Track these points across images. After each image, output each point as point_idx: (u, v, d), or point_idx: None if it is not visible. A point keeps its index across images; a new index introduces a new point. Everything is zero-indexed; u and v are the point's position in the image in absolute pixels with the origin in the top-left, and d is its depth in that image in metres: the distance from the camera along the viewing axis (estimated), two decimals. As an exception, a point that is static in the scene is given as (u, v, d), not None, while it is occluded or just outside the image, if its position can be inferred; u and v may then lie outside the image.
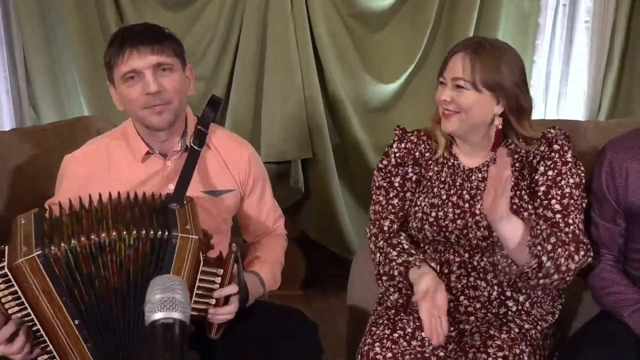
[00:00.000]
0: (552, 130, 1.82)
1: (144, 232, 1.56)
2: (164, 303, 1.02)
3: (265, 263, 1.91)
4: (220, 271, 1.62)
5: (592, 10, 3.02)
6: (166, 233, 1.56)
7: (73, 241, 1.52)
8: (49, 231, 1.55)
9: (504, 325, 1.76)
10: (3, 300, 1.51)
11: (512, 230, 1.60)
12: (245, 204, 1.96)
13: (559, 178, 1.75)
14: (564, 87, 3.15)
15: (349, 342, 2.10)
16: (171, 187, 1.77)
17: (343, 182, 3.13)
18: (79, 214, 1.60)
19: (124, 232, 1.55)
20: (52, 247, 1.51)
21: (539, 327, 1.79)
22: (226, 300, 1.68)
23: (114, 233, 1.54)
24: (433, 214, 1.80)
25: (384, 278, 1.81)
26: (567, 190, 1.74)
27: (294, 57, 2.88)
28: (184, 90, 1.77)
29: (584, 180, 1.78)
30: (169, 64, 1.71)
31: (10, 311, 1.52)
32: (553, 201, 1.74)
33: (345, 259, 3.18)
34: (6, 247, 1.54)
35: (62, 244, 1.52)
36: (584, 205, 1.77)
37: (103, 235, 1.54)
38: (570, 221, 1.72)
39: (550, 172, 1.77)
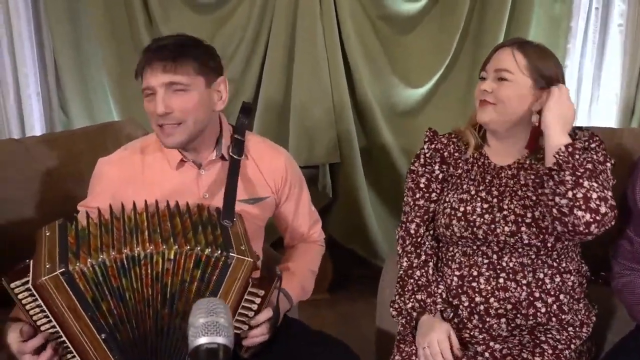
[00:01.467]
0: (580, 133, 1.80)
1: (187, 247, 1.51)
2: (208, 327, 1.01)
3: (295, 276, 1.90)
4: (262, 292, 1.60)
5: (625, 13, 2.98)
6: (220, 252, 1.53)
7: (101, 256, 1.48)
8: (74, 244, 1.51)
9: (537, 347, 1.75)
10: (31, 312, 1.50)
11: None
12: (282, 210, 1.94)
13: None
14: (595, 91, 3.11)
15: (379, 349, 2.08)
16: (206, 196, 1.76)
17: (371, 186, 3.11)
18: (108, 225, 1.57)
19: (163, 246, 1.50)
20: (78, 263, 1.47)
21: (572, 346, 1.76)
22: None
23: (150, 247, 1.50)
24: (461, 208, 1.80)
25: (397, 305, 1.84)
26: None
27: (322, 60, 2.87)
28: (203, 108, 1.70)
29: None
30: (182, 84, 1.65)
31: (38, 323, 1.50)
32: None
33: (372, 262, 3.19)
34: (31, 262, 1.51)
35: (89, 259, 1.48)
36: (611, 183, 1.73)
37: (138, 249, 1.50)
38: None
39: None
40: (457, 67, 3.03)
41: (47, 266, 1.46)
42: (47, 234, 1.55)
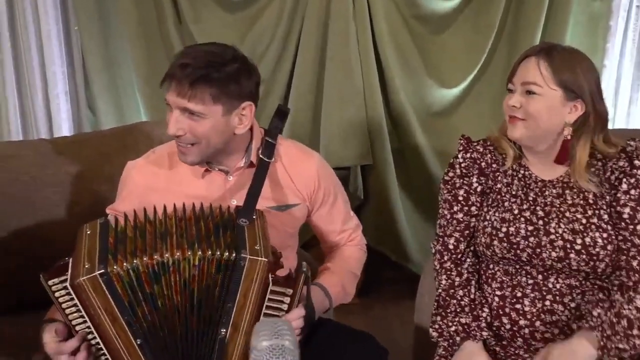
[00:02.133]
0: (632, 143, 1.70)
1: (209, 252, 1.48)
2: (273, 351, 0.98)
3: (334, 275, 1.85)
4: (290, 291, 1.55)
5: (668, 12, 2.89)
6: (234, 254, 1.49)
7: (135, 261, 1.46)
8: (114, 246, 1.49)
9: None
10: (67, 311, 1.48)
11: None
12: (315, 216, 1.89)
13: None
14: (635, 92, 3.02)
15: (416, 356, 2.03)
16: (234, 202, 1.72)
17: (402, 188, 3.06)
18: (143, 228, 1.54)
19: (189, 252, 1.48)
20: (115, 266, 1.45)
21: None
22: None
23: (178, 253, 1.48)
24: (503, 229, 1.70)
25: (437, 326, 1.76)
26: None
27: (355, 60, 2.83)
28: (218, 134, 1.63)
29: None
30: (196, 112, 1.59)
31: (74, 322, 1.48)
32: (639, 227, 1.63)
33: (404, 265, 3.15)
34: (70, 260, 1.49)
35: (125, 263, 1.46)
36: None
37: (167, 255, 1.47)
38: None
39: (633, 191, 1.65)
40: (492, 67, 2.97)
41: (87, 266, 1.44)
42: (88, 232, 1.53)
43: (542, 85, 1.63)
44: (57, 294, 1.46)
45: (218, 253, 1.48)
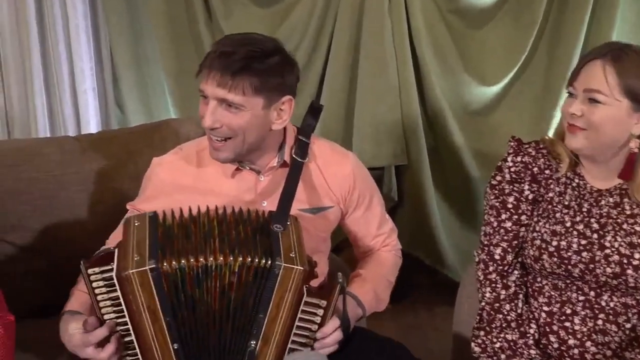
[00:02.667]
0: None
1: (248, 258, 1.43)
2: None
3: (367, 282, 1.76)
4: (324, 303, 1.49)
5: None
6: (269, 262, 1.43)
7: (183, 261, 1.41)
8: (162, 241, 1.44)
9: None
10: (101, 304, 1.42)
11: None
12: (349, 220, 1.80)
13: None
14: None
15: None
16: (265, 205, 1.65)
17: (438, 190, 2.97)
18: (187, 227, 1.49)
19: (230, 258, 1.43)
20: (165, 263, 1.40)
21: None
22: None
23: (220, 258, 1.42)
24: (554, 242, 1.58)
25: (480, 341, 1.65)
26: None
27: (390, 56, 2.76)
28: (256, 128, 1.57)
29: None
30: (235, 104, 1.52)
31: (105, 317, 1.44)
32: None
33: (437, 270, 3.07)
34: (116, 250, 1.44)
35: (174, 262, 1.40)
36: None
37: (210, 259, 1.42)
38: None
39: None
40: (533, 65, 2.85)
41: (136, 258, 1.40)
42: (137, 223, 1.49)
43: (608, 94, 1.49)
44: (94, 284, 1.41)
45: (256, 260, 1.42)
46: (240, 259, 1.42)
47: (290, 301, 1.45)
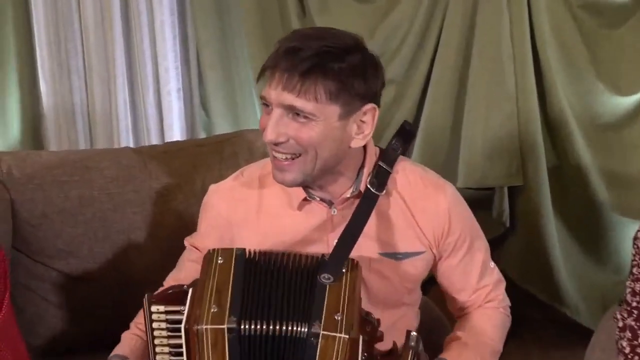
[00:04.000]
0: None
1: (284, 327, 1.21)
2: None
3: (468, 349, 1.42)
4: None
5: None
6: (304, 328, 1.21)
7: (258, 322, 1.22)
8: (246, 291, 1.25)
9: None
10: (157, 348, 1.27)
11: None
12: (443, 267, 1.48)
13: None
14: None
15: None
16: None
17: (558, 216, 2.67)
18: (263, 274, 1.29)
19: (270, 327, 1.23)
20: (246, 323, 1.21)
21: None
22: None
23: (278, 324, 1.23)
24: None
25: None
26: None
27: (507, 59, 2.51)
28: (331, 143, 1.30)
29: None
30: (305, 112, 1.25)
31: (158, 358, 1.28)
32: None
33: (552, 306, 2.75)
34: (190, 290, 1.26)
35: (254, 323, 1.22)
36: None
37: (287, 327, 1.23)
38: None
39: None
40: (681, 71, 2.52)
41: (214, 310, 1.22)
42: (220, 261, 1.30)
43: None
44: (155, 324, 1.26)
45: (291, 326, 1.22)
46: (276, 327, 1.22)
47: None
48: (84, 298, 1.78)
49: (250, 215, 1.43)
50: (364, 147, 1.38)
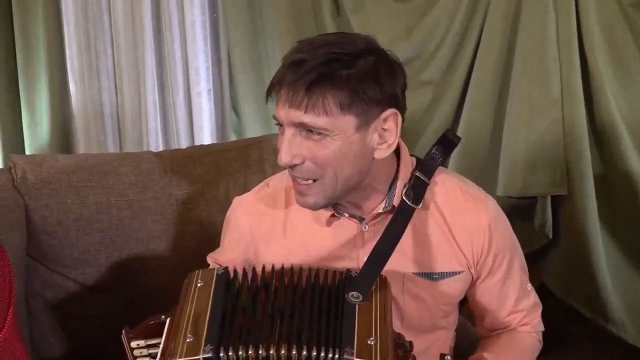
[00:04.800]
0: None
1: (314, 352, 1.10)
2: None
3: None
4: None
5: None
6: (336, 355, 1.09)
7: (241, 351, 1.12)
8: (226, 316, 1.16)
9: None
10: None
11: None
12: (480, 288, 1.37)
13: None
14: None
15: None
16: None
17: (605, 227, 2.55)
18: (257, 295, 1.21)
19: (294, 351, 1.11)
20: (222, 351, 1.11)
21: None
22: None
23: (283, 350, 1.11)
24: None
25: None
26: None
27: (553, 61, 2.40)
28: (351, 159, 1.20)
29: None
30: (317, 128, 1.16)
31: None
32: None
33: (594, 321, 2.63)
34: (167, 321, 1.20)
35: (231, 351, 1.12)
36: None
37: (272, 351, 1.11)
38: None
39: None
40: None
41: (189, 340, 1.13)
42: (199, 284, 1.22)
43: None
44: (139, 359, 1.23)
45: (322, 353, 1.10)
46: (305, 352, 1.10)
47: None
48: (99, 309, 1.73)
49: (276, 229, 1.35)
50: (397, 157, 1.28)
